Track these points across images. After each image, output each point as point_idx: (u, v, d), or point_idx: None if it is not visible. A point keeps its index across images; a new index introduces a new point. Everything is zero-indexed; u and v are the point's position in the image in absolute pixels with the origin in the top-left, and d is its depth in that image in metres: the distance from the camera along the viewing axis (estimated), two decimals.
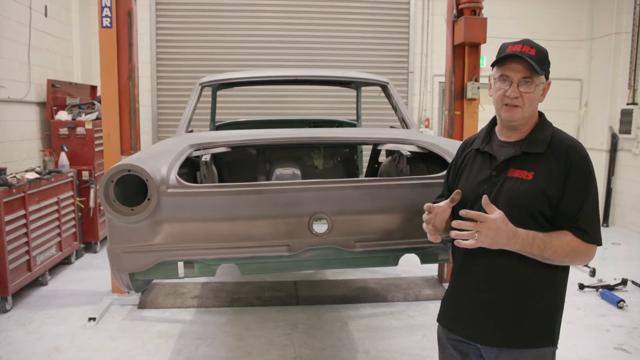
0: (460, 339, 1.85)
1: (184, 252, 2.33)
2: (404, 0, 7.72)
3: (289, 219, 2.33)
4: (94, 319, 4.04)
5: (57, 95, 6.13)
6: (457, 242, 1.64)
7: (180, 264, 2.46)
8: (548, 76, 1.76)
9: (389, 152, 3.71)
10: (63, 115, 5.93)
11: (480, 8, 4.54)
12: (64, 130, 5.83)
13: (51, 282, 4.98)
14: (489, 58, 3.35)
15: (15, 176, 4.54)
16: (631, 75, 7.21)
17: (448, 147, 2.70)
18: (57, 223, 5.11)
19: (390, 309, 4.42)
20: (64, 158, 5.55)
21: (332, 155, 5.06)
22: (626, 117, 7.23)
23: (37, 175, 4.81)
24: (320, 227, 2.35)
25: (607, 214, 7.70)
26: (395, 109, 3.94)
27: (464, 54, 4.69)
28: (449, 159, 2.57)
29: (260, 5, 7.49)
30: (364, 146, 5.30)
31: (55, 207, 5.09)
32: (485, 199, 1.64)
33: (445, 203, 1.77)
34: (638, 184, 7.22)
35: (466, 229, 1.62)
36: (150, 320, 4.16)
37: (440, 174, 2.52)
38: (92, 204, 5.84)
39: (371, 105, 7.13)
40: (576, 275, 5.11)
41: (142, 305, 4.38)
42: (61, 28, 6.64)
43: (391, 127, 4.40)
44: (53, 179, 5.03)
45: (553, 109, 7.69)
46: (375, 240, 2.40)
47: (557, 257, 1.66)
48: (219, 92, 5.33)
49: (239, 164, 4.70)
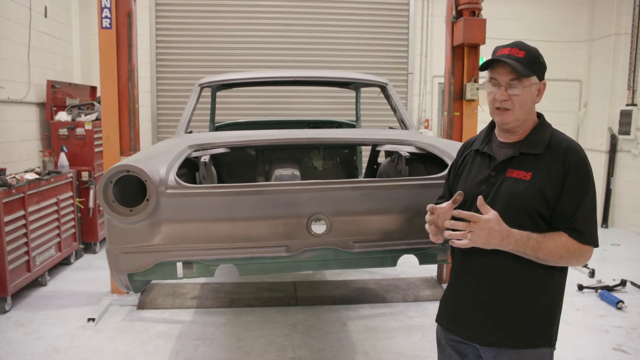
0: (458, 340, 1.86)
1: (183, 253, 2.34)
2: (404, 2, 7.74)
3: (288, 219, 2.33)
4: (93, 319, 4.04)
5: (57, 96, 6.13)
6: (452, 242, 1.65)
7: (179, 265, 2.47)
8: (542, 77, 1.76)
9: (388, 153, 3.71)
10: (63, 116, 5.93)
11: (480, 9, 4.55)
12: (63, 131, 5.83)
13: (50, 283, 4.98)
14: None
15: (14, 177, 4.54)
16: (630, 76, 7.21)
17: (446, 148, 2.70)
18: (56, 224, 5.11)
19: (390, 310, 4.42)
20: (63, 159, 5.55)
21: (331, 156, 5.06)
22: (625, 118, 7.24)
23: (37, 176, 4.82)
24: (318, 228, 2.35)
25: (607, 215, 7.70)
26: (394, 109, 3.95)
27: (463, 55, 4.69)
28: (448, 160, 2.58)
29: (260, 7, 7.50)
30: (363, 147, 5.30)
31: (55, 208, 5.09)
32: (480, 199, 1.65)
33: (447, 204, 1.77)
34: (637, 185, 7.23)
35: (459, 229, 1.63)
36: (150, 320, 4.16)
37: (438, 175, 2.52)
38: (91, 204, 5.84)
39: (371, 106, 7.14)
40: (575, 276, 5.11)
41: (141, 306, 4.38)
42: (61, 29, 6.65)
43: (390, 127, 4.41)
44: (52, 179, 5.03)
45: (552, 109, 7.68)
46: (374, 241, 2.41)
47: (552, 258, 1.67)
48: (218, 93, 5.34)
49: (238, 165, 4.71)
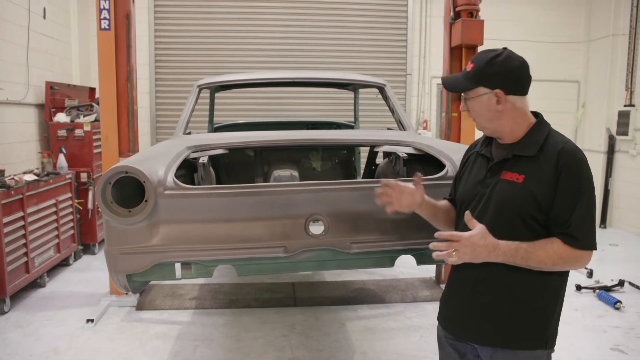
0: (458, 339, 1.87)
1: (181, 254, 2.35)
2: (402, 3, 7.75)
3: (286, 220, 2.34)
4: (92, 320, 4.04)
5: (56, 97, 6.13)
6: (446, 260, 1.65)
7: (178, 265, 2.48)
8: (496, 85, 1.69)
9: (386, 154, 3.72)
10: (61, 117, 5.94)
11: (477, 10, 4.56)
12: (62, 132, 5.83)
13: (49, 284, 4.98)
14: None
15: (13, 178, 4.54)
16: (628, 77, 7.22)
17: (444, 149, 2.71)
18: (55, 225, 5.11)
19: (388, 310, 4.42)
20: (62, 160, 5.55)
21: (330, 157, 5.06)
22: (623, 119, 7.26)
23: (36, 177, 4.82)
24: (316, 229, 2.36)
25: (605, 216, 7.71)
26: (392, 110, 3.96)
27: (461, 56, 4.70)
28: (445, 161, 2.59)
29: (259, 8, 7.51)
30: (361, 148, 5.31)
31: (54, 209, 5.09)
32: (467, 214, 1.69)
33: (408, 186, 1.94)
34: (635, 185, 7.24)
35: (444, 249, 1.64)
36: (149, 321, 4.17)
37: (436, 176, 2.53)
38: (90, 205, 5.84)
39: (369, 107, 7.15)
40: (573, 276, 5.11)
41: (140, 307, 4.39)
42: (60, 30, 6.65)
43: (388, 128, 4.41)
44: (51, 180, 5.03)
45: (551, 110, 7.70)
46: (371, 241, 2.41)
47: (545, 266, 1.65)
48: (217, 94, 5.35)
49: (237, 166, 4.71)
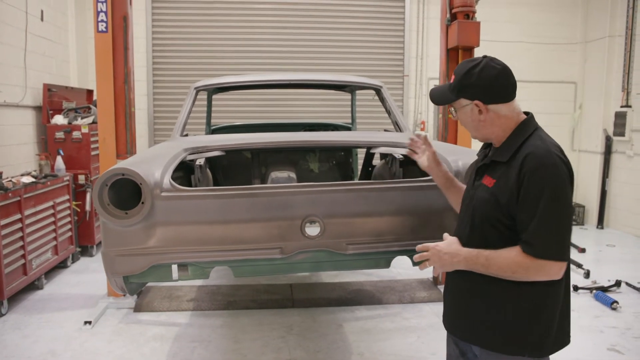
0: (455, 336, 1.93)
1: (178, 255, 2.36)
2: (399, 4, 7.77)
3: (282, 221, 2.35)
4: (89, 322, 4.05)
5: (53, 99, 6.13)
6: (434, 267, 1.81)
7: (174, 267, 2.49)
8: (474, 96, 1.73)
9: (383, 155, 3.73)
10: (59, 119, 5.94)
11: (474, 12, 4.58)
12: (60, 134, 5.84)
13: (47, 286, 4.98)
14: None
15: (11, 180, 4.55)
16: (625, 78, 7.25)
17: (439, 151, 2.71)
18: (53, 227, 5.11)
19: (385, 312, 4.43)
20: (60, 162, 5.56)
21: (327, 159, 5.08)
22: (620, 120, 7.28)
23: (33, 179, 4.82)
24: (312, 230, 2.37)
25: (602, 216, 7.74)
26: (388, 112, 3.97)
27: (458, 58, 4.72)
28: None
29: (256, 10, 7.52)
30: (358, 149, 5.33)
31: (51, 211, 5.09)
32: (445, 234, 1.85)
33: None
34: (632, 186, 7.26)
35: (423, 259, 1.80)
36: (146, 323, 4.17)
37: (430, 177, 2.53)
38: (88, 207, 5.84)
39: (367, 109, 7.16)
40: (571, 277, 5.12)
41: (137, 309, 4.39)
42: (57, 32, 6.66)
43: (385, 130, 4.43)
44: (49, 182, 5.04)
45: (548, 111, 7.79)
46: (367, 242, 2.43)
47: (505, 274, 1.64)
48: (215, 96, 5.35)
49: (234, 168, 4.73)
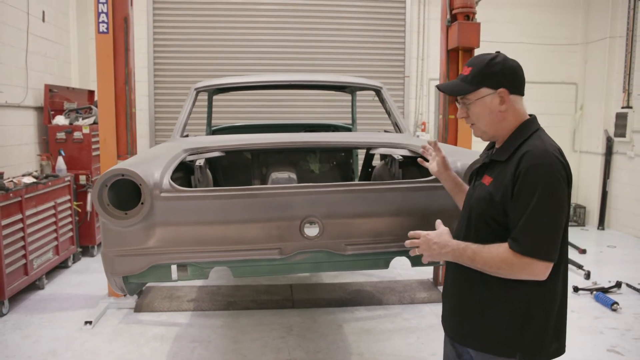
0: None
1: (177, 256, 2.36)
2: (400, 5, 7.78)
3: (281, 222, 2.36)
4: (90, 322, 4.06)
5: (55, 99, 6.15)
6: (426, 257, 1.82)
7: (174, 267, 2.49)
8: (498, 84, 1.71)
9: (382, 156, 3.74)
10: (60, 120, 5.96)
11: (474, 13, 4.59)
12: (61, 135, 5.85)
13: (48, 286, 5.00)
14: None
15: (12, 180, 4.56)
16: (626, 79, 7.25)
17: None
18: (54, 227, 5.13)
19: (385, 312, 4.44)
20: (61, 162, 5.57)
21: (328, 159, 5.08)
22: (621, 121, 7.28)
23: (34, 180, 4.84)
24: (311, 231, 2.38)
25: (603, 217, 7.73)
26: (388, 113, 3.98)
27: (458, 59, 4.73)
28: None
29: (258, 11, 7.53)
30: (358, 150, 5.33)
31: (52, 211, 5.11)
32: (437, 221, 1.88)
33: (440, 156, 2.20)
34: (633, 187, 7.26)
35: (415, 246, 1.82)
36: (146, 323, 4.18)
37: (431, 178, 2.54)
38: (89, 208, 5.85)
39: (368, 109, 7.17)
40: (571, 278, 5.09)
41: (138, 309, 4.40)
42: (59, 33, 6.68)
43: (385, 131, 4.43)
44: (50, 183, 5.05)
45: (549, 112, 7.78)
46: (366, 243, 2.43)
47: (489, 269, 1.65)
48: (215, 97, 5.36)
49: (235, 168, 4.73)
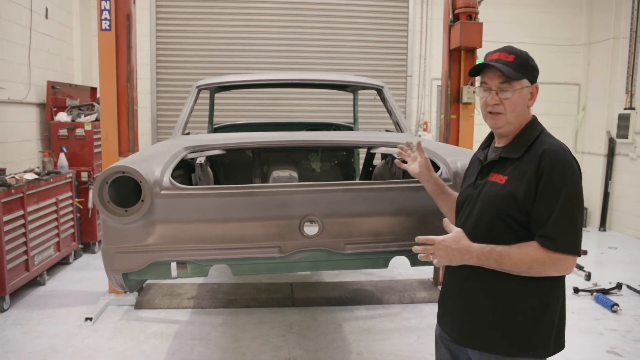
0: (451, 340, 1.88)
1: (177, 253, 2.37)
2: (403, 4, 7.77)
3: (280, 221, 2.36)
4: (90, 319, 4.07)
5: (57, 96, 6.17)
6: (434, 262, 1.75)
7: (173, 265, 2.50)
8: (533, 80, 1.75)
9: (384, 156, 3.73)
10: (63, 117, 5.97)
11: (476, 13, 4.58)
12: (63, 132, 5.87)
13: (49, 282, 5.01)
14: None
15: (14, 177, 4.57)
16: (629, 80, 7.23)
17: (439, 151, 2.72)
18: (55, 223, 5.15)
19: (385, 311, 4.44)
20: (63, 159, 5.59)
21: (329, 158, 5.08)
22: (623, 122, 7.26)
23: (36, 176, 4.85)
24: (311, 229, 2.38)
25: (605, 219, 7.72)
26: (390, 112, 3.98)
27: (460, 59, 4.72)
28: (439, 163, 2.61)
29: (260, 9, 7.53)
30: (360, 149, 5.33)
31: (54, 208, 5.12)
32: (445, 221, 1.79)
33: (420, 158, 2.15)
34: (635, 188, 7.24)
35: (424, 252, 1.75)
36: (147, 320, 4.19)
37: None
38: (90, 204, 5.87)
39: (370, 109, 7.17)
40: (571, 279, 5.12)
41: (138, 306, 4.41)
42: (62, 30, 6.69)
43: (387, 130, 4.43)
44: (52, 179, 5.06)
45: (551, 113, 7.76)
46: (366, 242, 2.43)
47: (519, 269, 1.64)
48: (217, 95, 5.36)
49: (236, 167, 4.73)
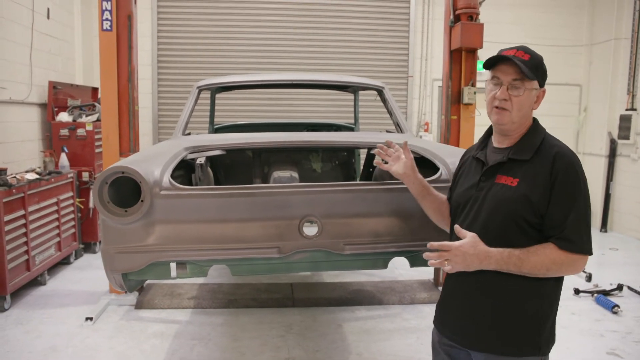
0: (451, 344, 1.86)
1: (177, 253, 2.37)
2: (404, 5, 7.77)
3: (280, 221, 2.36)
4: (91, 318, 4.08)
5: (59, 96, 6.18)
6: (445, 268, 1.68)
7: (173, 265, 2.50)
8: (542, 84, 1.74)
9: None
10: (64, 117, 5.98)
11: (477, 14, 4.58)
12: (64, 132, 5.88)
13: (50, 282, 5.02)
14: None
15: (15, 177, 4.58)
16: (630, 81, 7.22)
17: (439, 152, 2.72)
18: (56, 223, 5.15)
19: (385, 312, 4.44)
20: (64, 159, 5.60)
21: (330, 159, 5.08)
22: (625, 123, 7.25)
23: (37, 176, 4.86)
24: (310, 230, 2.38)
25: (606, 220, 7.70)
26: (390, 113, 3.97)
27: (461, 59, 4.72)
28: (439, 164, 2.60)
29: (261, 9, 7.54)
30: (360, 150, 5.33)
31: (55, 208, 5.13)
32: (457, 227, 1.72)
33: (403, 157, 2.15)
34: (636, 189, 7.22)
35: (437, 259, 1.68)
36: (147, 320, 4.20)
37: (430, 178, 2.53)
38: (91, 204, 5.88)
39: (371, 109, 7.16)
40: (572, 280, 5.11)
41: (139, 306, 4.42)
42: (63, 30, 6.70)
43: (387, 131, 4.43)
44: (53, 179, 5.08)
45: (552, 114, 7.75)
46: (365, 243, 2.43)
47: (539, 271, 1.64)
48: (218, 95, 5.37)
49: (236, 167, 4.74)
